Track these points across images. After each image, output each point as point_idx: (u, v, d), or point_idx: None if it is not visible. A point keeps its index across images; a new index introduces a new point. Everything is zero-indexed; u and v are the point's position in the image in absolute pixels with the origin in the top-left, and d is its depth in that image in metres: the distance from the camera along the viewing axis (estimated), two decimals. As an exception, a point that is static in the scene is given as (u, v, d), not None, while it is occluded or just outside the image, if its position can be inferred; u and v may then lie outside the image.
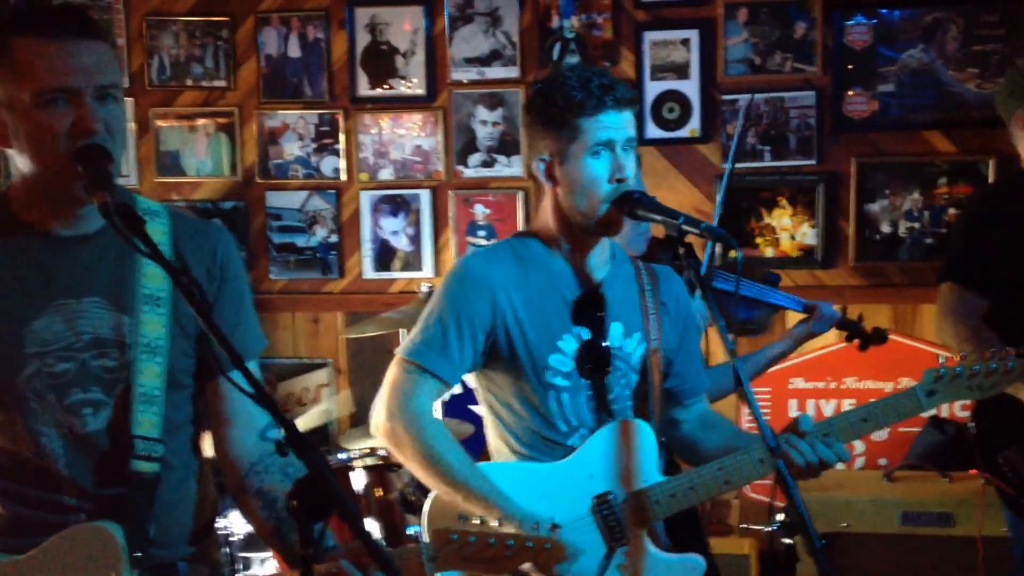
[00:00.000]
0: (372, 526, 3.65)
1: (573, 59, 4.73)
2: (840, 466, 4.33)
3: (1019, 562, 3.29)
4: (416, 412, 2.38)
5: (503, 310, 2.42)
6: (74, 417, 1.95)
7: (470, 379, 2.58)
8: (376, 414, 2.44)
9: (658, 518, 2.44)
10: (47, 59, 1.85)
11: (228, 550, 3.68)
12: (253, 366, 2.10)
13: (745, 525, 2.82)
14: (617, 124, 2.40)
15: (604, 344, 2.47)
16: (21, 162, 1.93)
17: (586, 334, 2.46)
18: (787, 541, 2.41)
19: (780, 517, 2.34)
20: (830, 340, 4.56)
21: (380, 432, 2.44)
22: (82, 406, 1.95)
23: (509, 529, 1.99)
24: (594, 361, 2.46)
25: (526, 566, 2.05)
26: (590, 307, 2.47)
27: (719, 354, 4.33)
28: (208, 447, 2.22)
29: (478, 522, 2.01)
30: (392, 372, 2.45)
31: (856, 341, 3.61)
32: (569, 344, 2.46)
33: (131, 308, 1.98)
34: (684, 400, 2.65)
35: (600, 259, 2.52)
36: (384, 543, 3.57)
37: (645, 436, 2.46)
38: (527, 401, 2.47)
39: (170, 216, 2.07)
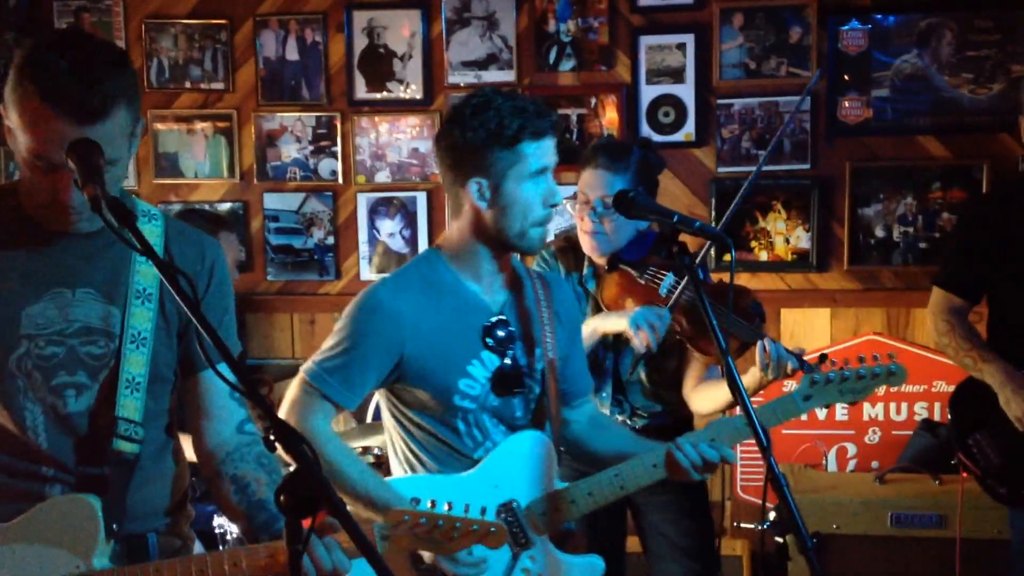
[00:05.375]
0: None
1: (569, 63, 4.76)
2: (832, 468, 4.45)
3: (1016, 547, 3.37)
4: (313, 431, 2.42)
5: (411, 340, 2.47)
6: (57, 397, 2.08)
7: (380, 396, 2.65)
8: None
9: (560, 523, 2.52)
10: (48, 132, 1.92)
11: (222, 548, 3.71)
12: (224, 368, 2.08)
13: (737, 524, 2.84)
14: (552, 150, 2.52)
15: (519, 367, 2.56)
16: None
17: (495, 359, 2.54)
18: (779, 540, 2.42)
19: (772, 516, 2.36)
20: (823, 345, 4.60)
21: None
22: (65, 388, 2.08)
23: (456, 513, 2.10)
24: (507, 384, 2.55)
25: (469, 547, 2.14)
26: (499, 333, 2.54)
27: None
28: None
29: (429, 505, 2.08)
30: (294, 390, 2.50)
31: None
32: (478, 369, 2.53)
33: (122, 301, 2.10)
34: (572, 401, 2.74)
35: (507, 278, 2.61)
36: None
37: (545, 447, 2.58)
38: (434, 420, 2.54)
39: (165, 220, 2.19)
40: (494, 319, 2.55)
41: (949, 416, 3.48)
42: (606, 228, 3.16)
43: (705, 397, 3.22)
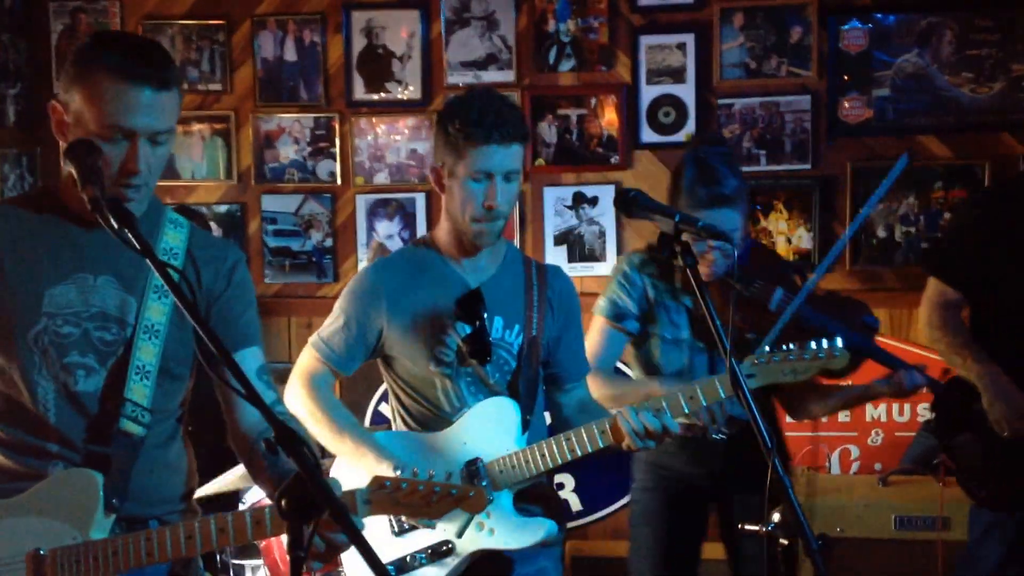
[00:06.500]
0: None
1: (569, 63, 4.74)
2: (835, 470, 4.42)
3: (969, 544, 3.37)
4: (314, 388, 2.84)
5: (391, 312, 2.82)
6: (68, 375, 2.20)
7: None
8: (287, 390, 2.87)
9: (515, 480, 2.76)
10: (122, 101, 2.09)
11: (220, 557, 3.68)
12: (256, 351, 2.35)
13: (741, 526, 2.83)
14: (499, 157, 2.71)
15: (488, 336, 2.79)
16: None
17: (468, 328, 2.79)
18: (784, 542, 2.41)
19: (776, 518, 2.36)
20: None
21: (289, 404, 2.81)
22: (76, 367, 2.21)
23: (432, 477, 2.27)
24: (477, 351, 2.79)
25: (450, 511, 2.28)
26: (471, 305, 2.78)
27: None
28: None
29: (412, 473, 2.28)
30: (303, 356, 2.90)
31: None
32: (451, 338, 2.81)
33: (139, 292, 2.24)
34: (564, 385, 2.98)
35: (490, 260, 2.87)
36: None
37: (512, 411, 2.81)
38: (418, 385, 2.86)
39: (190, 228, 2.36)
40: (467, 294, 2.80)
41: (933, 415, 3.46)
42: (728, 259, 3.13)
43: (802, 408, 3.32)
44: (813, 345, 2.66)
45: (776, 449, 3.34)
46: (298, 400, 2.84)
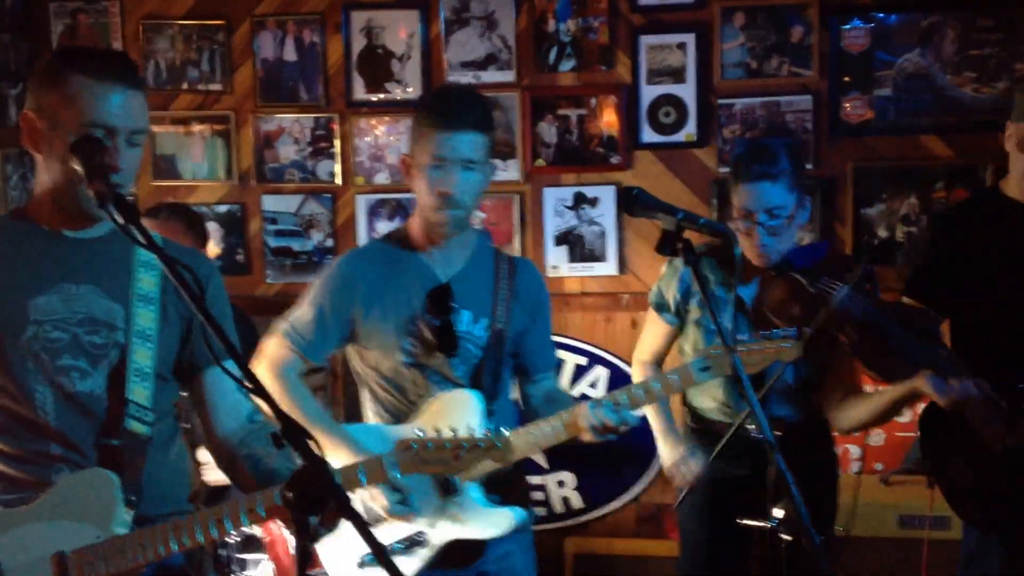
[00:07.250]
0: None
1: (569, 63, 4.74)
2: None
3: (964, 558, 3.33)
4: (283, 378, 2.84)
5: (362, 303, 2.85)
6: (63, 377, 2.23)
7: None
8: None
9: (487, 471, 2.71)
10: (98, 98, 2.15)
11: (225, 552, 3.68)
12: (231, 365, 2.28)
13: (742, 522, 2.83)
14: (460, 144, 2.74)
15: (455, 330, 2.83)
16: (47, 170, 2.23)
17: (436, 321, 2.83)
18: (786, 538, 2.42)
19: (778, 514, 2.36)
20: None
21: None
22: (70, 369, 2.24)
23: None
24: (444, 344, 2.83)
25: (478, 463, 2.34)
26: (441, 299, 2.83)
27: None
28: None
29: (434, 433, 2.30)
30: (271, 344, 2.89)
31: None
32: (420, 331, 2.84)
33: (125, 301, 2.28)
34: (532, 376, 3.03)
35: (460, 252, 2.91)
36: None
37: (473, 402, 2.83)
38: (386, 376, 2.88)
39: (163, 240, 2.34)
40: (436, 287, 2.84)
41: (920, 438, 3.35)
42: (776, 237, 3.13)
43: (846, 416, 3.24)
44: (764, 335, 2.67)
45: (823, 447, 3.34)
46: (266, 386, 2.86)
